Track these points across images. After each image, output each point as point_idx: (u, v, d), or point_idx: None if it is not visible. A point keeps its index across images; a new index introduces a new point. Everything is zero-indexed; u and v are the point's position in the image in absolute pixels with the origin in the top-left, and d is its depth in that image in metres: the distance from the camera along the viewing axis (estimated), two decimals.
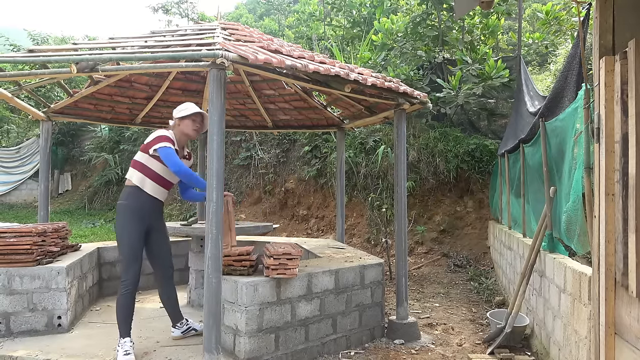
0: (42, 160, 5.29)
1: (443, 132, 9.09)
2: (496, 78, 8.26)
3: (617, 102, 2.12)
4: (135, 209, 3.55)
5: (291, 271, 3.56)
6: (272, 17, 22.31)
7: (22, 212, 13.39)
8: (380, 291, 4.50)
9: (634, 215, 1.92)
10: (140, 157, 3.58)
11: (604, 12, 2.29)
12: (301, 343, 3.76)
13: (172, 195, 11.93)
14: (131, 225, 3.53)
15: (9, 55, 3.70)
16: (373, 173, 9.10)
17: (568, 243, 3.49)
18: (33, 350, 3.55)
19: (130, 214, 3.54)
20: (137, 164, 3.58)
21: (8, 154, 14.57)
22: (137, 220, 3.55)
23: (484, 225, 8.47)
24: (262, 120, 6.64)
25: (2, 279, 3.85)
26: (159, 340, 3.91)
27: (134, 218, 3.54)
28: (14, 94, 4.61)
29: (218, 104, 3.25)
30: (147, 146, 3.52)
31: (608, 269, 2.20)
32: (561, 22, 8.77)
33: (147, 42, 3.88)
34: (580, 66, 3.55)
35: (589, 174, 2.80)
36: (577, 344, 2.93)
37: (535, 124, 4.64)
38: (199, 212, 6.90)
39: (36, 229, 3.99)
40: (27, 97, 9.78)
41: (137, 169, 3.57)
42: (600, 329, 2.29)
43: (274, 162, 10.59)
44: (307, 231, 9.74)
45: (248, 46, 3.62)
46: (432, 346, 4.30)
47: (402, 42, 9.80)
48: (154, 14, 18.54)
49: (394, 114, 4.70)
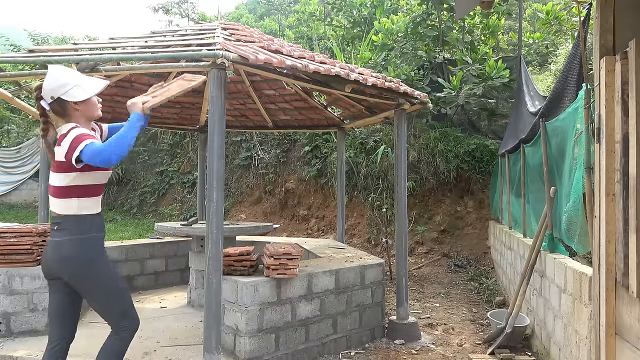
0: (43, 160, 5.29)
1: (443, 132, 9.08)
2: (496, 78, 8.26)
3: (617, 102, 2.12)
4: (100, 238, 2.55)
5: (291, 271, 3.56)
6: (272, 17, 22.32)
7: (22, 212, 13.38)
8: (380, 291, 4.49)
9: (635, 215, 1.92)
10: (64, 179, 2.38)
11: (604, 12, 2.28)
12: (301, 343, 3.76)
13: (172, 195, 11.95)
14: (105, 260, 2.52)
15: (9, 55, 3.70)
16: (373, 173, 9.10)
17: (568, 243, 3.48)
18: (33, 350, 3.55)
19: (100, 247, 2.52)
20: (65, 190, 2.40)
21: (8, 154, 14.57)
22: (104, 250, 2.57)
23: (484, 225, 8.47)
24: (262, 120, 6.64)
25: (2, 279, 3.85)
26: (159, 340, 3.91)
27: (103, 250, 2.54)
28: (14, 94, 4.60)
29: (218, 104, 3.25)
30: (65, 163, 2.35)
31: (608, 269, 2.20)
32: (562, 22, 8.76)
33: (147, 42, 3.88)
34: (580, 66, 3.55)
35: (590, 174, 2.80)
36: (577, 344, 2.93)
37: (535, 124, 4.64)
38: (199, 212, 6.91)
39: (36, 229, 3.99)
40: (27, 98, 9.78)
41: (75, 195, 2.41)
42: (600, 329, 2.29)
43: (274, 162, 10.59)
44: (307, 231, 9.74)
45: (248, 46, 3.62)
46: (432, 346, 4.29)
47: (402, 42, 9.80)
48: (154, 14, 18.58)
49: (395, 114, 4.70)
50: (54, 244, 2.43)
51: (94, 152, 2.28)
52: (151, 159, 12.60)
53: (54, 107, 2.41)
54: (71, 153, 2.31)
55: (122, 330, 2.53)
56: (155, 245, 6.09)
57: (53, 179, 2.42)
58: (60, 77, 2.41)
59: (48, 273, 2.50)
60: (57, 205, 2.44)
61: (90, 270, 2.45)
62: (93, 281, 2.47)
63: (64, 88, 2.39)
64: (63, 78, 2.41)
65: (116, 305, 2.53)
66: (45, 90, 2.38)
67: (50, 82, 2.38)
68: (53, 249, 2.43)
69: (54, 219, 2.46)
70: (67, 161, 2.34)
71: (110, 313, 2.53)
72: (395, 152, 4.74)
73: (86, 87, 2.47)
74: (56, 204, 2.44)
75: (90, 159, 2.28)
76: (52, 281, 2.51)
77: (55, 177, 2.41)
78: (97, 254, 2.48)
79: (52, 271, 2.47)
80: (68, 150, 2.32)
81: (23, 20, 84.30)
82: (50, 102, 2.39)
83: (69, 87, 2.40)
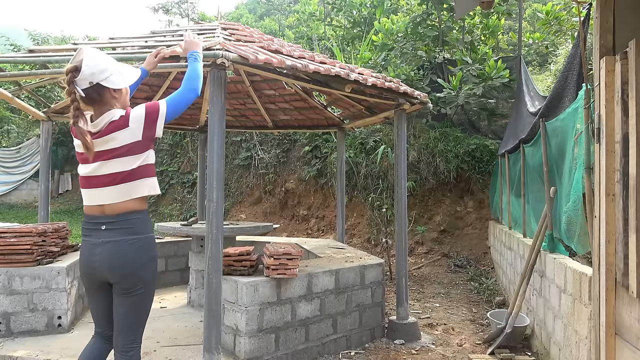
0: (43, 160, 5.29)
1: (443, 132, 9.08)
2: (496, 78, 8.26)
3: (617, 102, 2.12)
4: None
5: (291, 271, 3.56)
6: (272, 17, 22.33)
7: (22, 212, 13.39)
8: (380, 291, 4.49)
9: (635, 215, 1.92)
10: (135, 161, 2.19)
11: (604, 12, 2.28)
12: (301, 343, 3.76)
13: (172, 195, 11.95)
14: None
15: (9, 55, 3.70)
16: (373, 173, 9.10)
17: (568, 243, 3.48)
18: (33, 350, 3.55)
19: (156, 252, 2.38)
20: (145, 169, 2.24)
21: (8, 154, 14.57)
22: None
23: (484, 225, 8.47)
24: (262, 120, 6.64)
25: (2, 279, 3.85)
26: (159, 340, 3.91)
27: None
28: (14, 94, 4.61)
29: (218, 104, 3.25)
30: (140, 143, 2.20)
31: (608, 269, 2.20)
32: (561, 22, 8.76)
33: (147, 42, 3.88)
34: (580, 66, 3.55)
35: (589, 174, 2.80)
36: (577, 344, 2.93)
37: (535, 124, 4.64)
38: (199, 212, 6.91)
39: (36, 229, 3.99)
40: (27, 97, 9.78)
41: (146, 175, 2.25)
42: (600, 329, 2.29)
43: (274, 162, 10.59)
44: (307, 231, 9.74)
45: (248, 46, 3.62)
46: (432, 346, 4.29)
47: (402, 42, 9.80)
48: (154, 14, 18.59)
49: (394, 114, 4.70)
50: (113, 245, 2.17)
51: (180, 103, 2.29)
52: None
53: (90, 93, 2.16)
54: (153, 129, 2.20)
55: (135, 347, 2.33)
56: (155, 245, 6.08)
57: (116, 165, 2.16)
58: (100, 61, 2.18)
59: (93, 277, 2.24)
60: (119, 193, 2.17)
61: (154, 275, 2.33)
62: (152, 288, 2.35)
63: (104, 74, 2.17)
64: (103, 63, 2.19)
65: (147, 317, 2.39)
66: (84, 75, 2.12)
67: (91, 67, 2.13)
68: (112, 251, 2.17)
69: (109, 217, 2.19)
70: (145, 139, 2.19)
71: (140, 325, 2.34)
72: (395, 152, 4.75)
73: (125, 74, 2.32)
74: (121, 191, 2.18)
75: (176, 111, 2.27)
76: (98, 286, 2.27)
77: (119, 164, 2.16)
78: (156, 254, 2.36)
79: (99, 275, 2.22)
80: (145, 128, 2.18)
81: (23, 20, 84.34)
82: (86, 87, 2.14)
83: (109, 73, 2.20)
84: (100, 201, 2.20)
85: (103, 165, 2.17)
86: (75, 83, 2.12)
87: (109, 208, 2.19)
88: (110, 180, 2.17)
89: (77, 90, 2.13)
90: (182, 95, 2.31)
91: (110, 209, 2.19)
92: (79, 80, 2.12)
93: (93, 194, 2.22)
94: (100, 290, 2.27)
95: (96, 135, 2.16)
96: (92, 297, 2.33)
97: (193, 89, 2.35)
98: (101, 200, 2.20)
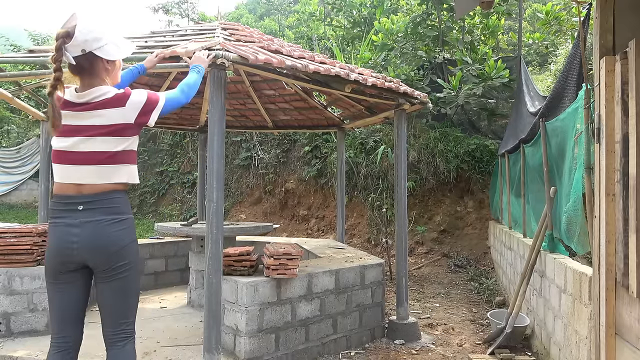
0: (43, 161, 5.29)
1: (443, 133, 9.09)
2: (496, 78, 8.26)
3: (617, 102, 2.12)
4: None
5: (291, 271, 3.56)
6: (272, 18, 22.33)
7: (22, 212, 13.38)
8: (380, 291, 4.49)
9: (635, 215, 1.92)
10: (121, 144, 2.08)
11: (604, 12, 2.28)
12: (301, 343, 3.76)
13: (172, 196, 11.95)
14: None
15: (9, 55, 3.70)
16: (373, 173, 9.10)
17: (568, 243, 3.48)
18: (33, 350, 3.55)
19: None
20: (127, 154, 2.13)
21: (8, 154, 14.56)
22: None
23: (484, 225, 8.47)
24: (262, 120, 6.64)
25: (2, 279, 3.85)
26: (159, 340, 3.91)
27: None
28: (14, 94, 4.61)
29: (218, 104, 3.25)
30: (130, 125, 2.09)
31: (608, 269, 2.20)
32: (561, 22, 8.76)
33: (147, 42, 3.88)
34: (580, 66, 3.55)
35: (589, 174, 2.80)
36: (577, 344, 2.93)
37: (535, 124, 4.64)
38: (199, 212, 6.91)
39: (36, 229, 3.99)
40: (27, 98, 9.78)
41: (128, 161, 2.14)
42: (600, 329, 2.29)
43: (274, 162, 10.59)
44: (307, 231, 9.74)
45: (248, 46, 3.62)
46: (432, 346, 4.29)
47: (402, 42, 9.80)
48: (154, 14, 18.58)
49: (394, 114, 4.70)
50: (94, 226, 2.01)
51: (174, 103, 2.26)
52: (151, 159, 12.59)
53: (81, 62, 2.00)
54: (147, 116, 2.10)
55: (127, 337, 2.15)
56: (155, 245, 6.09)
57: (100, 144, 2.01)
58: (95, 28, 2.01)
59: (69, 262, 2.06)
60: (98, 174, 2.02)
61: (137, 257, 2.15)
62: (136, 269, 2.15)
63: (98, 42, 2.01)
64: (98, 31, 2.02)
65: (136, 301, 2.20)
66: (76, 41, 1.94)
67: (84, 33, 1.96)
68: (93, 232, 2.01)
69: (87, 196, 2.03)
70: (137, 125, 2.08)
71: (130, 310, 2.15)
72: (395, 152, 4.75)
73: (121, 45, 2.15)
74: (100, 172, 2.02)
75: (169, 110, 2.23)
76: (71, 274, 2.09)
77: (103, 143, 2.01)
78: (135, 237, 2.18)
79: (78, 259, 2.04)
80: (140, 114, 2.08)
81: (23, 20, 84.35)
82: (77, 55, 1.97)
83: (104, 42, 2.03)
84: (77, 179, 2.03)
85: (84, 142, 2.01)
86: (65, 49, 1.95)
87: (88, 188, 2.03)
88: (90, 159, 2.02)
89: (67, 57, 1.97)
90: (177, 96, 2.32)
91: (89, 189, 2.03)
92: (70, 46, 1.95)
93: (69, 171, 2.05)
94: (73, 279, 2.09)
95: (80, 107, 2.02)
96: (59, 291, 2.11)
97: (187, 94, 2.35)
98: (78, 179, 2.03)
